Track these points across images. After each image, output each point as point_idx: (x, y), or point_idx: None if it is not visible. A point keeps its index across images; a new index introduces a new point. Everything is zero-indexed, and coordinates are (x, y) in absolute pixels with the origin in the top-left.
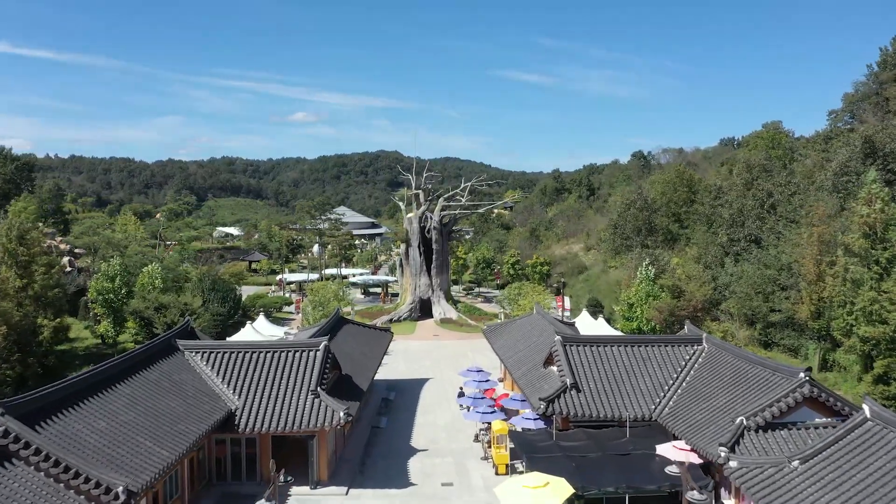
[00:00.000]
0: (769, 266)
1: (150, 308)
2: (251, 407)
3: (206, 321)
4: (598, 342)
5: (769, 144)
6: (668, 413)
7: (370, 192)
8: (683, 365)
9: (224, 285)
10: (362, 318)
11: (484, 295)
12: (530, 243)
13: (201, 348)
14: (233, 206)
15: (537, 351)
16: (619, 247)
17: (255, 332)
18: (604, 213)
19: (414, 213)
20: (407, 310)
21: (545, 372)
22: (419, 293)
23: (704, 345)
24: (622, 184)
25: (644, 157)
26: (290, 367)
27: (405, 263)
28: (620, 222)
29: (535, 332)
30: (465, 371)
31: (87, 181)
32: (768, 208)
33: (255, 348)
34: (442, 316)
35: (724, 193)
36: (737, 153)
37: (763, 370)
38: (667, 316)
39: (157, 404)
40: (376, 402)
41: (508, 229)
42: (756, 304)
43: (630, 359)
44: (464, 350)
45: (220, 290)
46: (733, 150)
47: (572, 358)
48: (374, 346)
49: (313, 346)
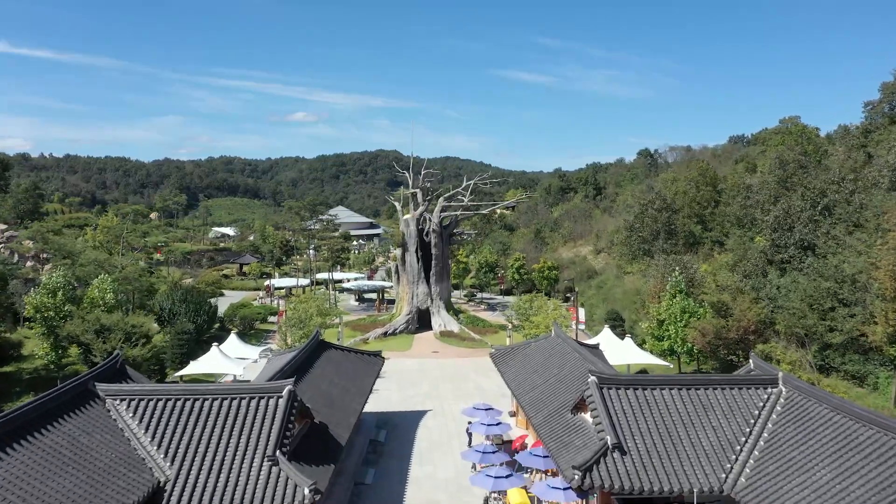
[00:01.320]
0: (827, 277)
1: (88, 331)
2: (187, 479)
3: (169, 341)
4: (643, 384)
5: (797, 140)
6: (747, 488)
7: (369, 192)
8: (756, 415)
9: (197, 296)
10: (353, 330)
11: (487, 302)
12: (535, 245)
13: (129, 395)
14: (230, 205)
15: (561, 388)
16: (636, 251)
17: (222, 355)
18: (612, 213)
19: (411, 215)
20: (403, 321)
21: (575, 421)
22: (417, 303)
23: (781, 387)
24: (629, 183)
25: (651, 155)
26: (242, 421)
27: (401, 270)
28: (637, 224)
29: (555, 360)
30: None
31: (81, 181)
32: (822, 210)
33: (198, 394)
34: (442, 328)
35: (755, 192)
36: (748, 150)
37: (879, 433)
38: (711, 339)
39: (47, 486)
40: (362, 446)
41: (512, 230)
42: (811, 323)
43: (686, 406)
44: (466, 371)
45: (192, 302)
46: (744, 147)
47: (612, 405)
48: (360, 378)
49: (273, 392)
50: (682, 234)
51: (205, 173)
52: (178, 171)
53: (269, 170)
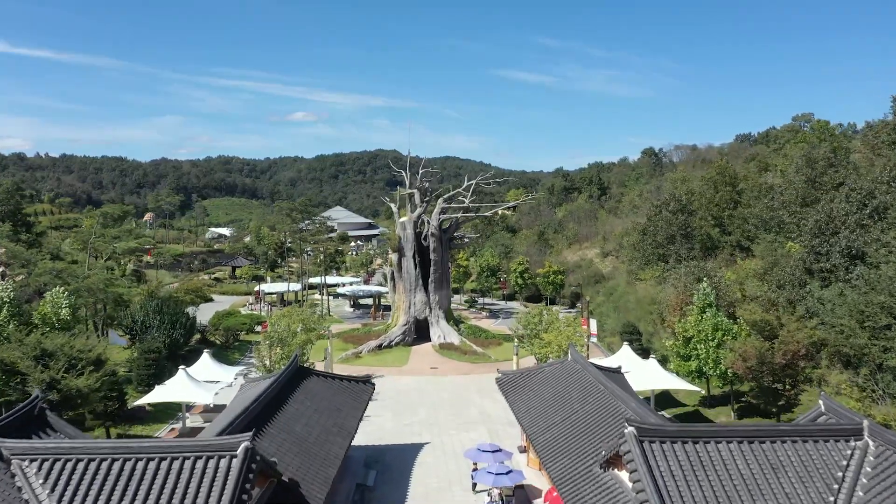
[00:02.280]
0: (880, 290)
1: (26, 357)
2: None
3: (135, 360)
4: (694, 436)
5: (819, 137)
6: None
7: (368, 192)
8: (840, 478)
9: (174, 307)
10: (345, 343)
11: (489, 308)
12: (538, 248)
13: (43, 454)
14: (227, 205)
15: (585, 431)
16: (650, 255)
17: (190, 380)
18: (618, 214)
19: (408, 217)
20: (400, 333)
21: (607, 481)
22: (414, 312)
23: (867, 440)
24: (634, 182)
25: (655, 154)
26: (185, 488)
27: (397, 276)
28: (650, 227)
29: (574, 392)
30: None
31: (77, 181)
32: (871, 213)
33: (131, 453)
34: (441, 340)
35: (780, 193)
36: (756, 148)
37: None
38: (754, 364)
39: None
40: (347, 492)
41: (514, 232)
42: (861, 342)
43: (750, 466)
44: (469, 392)
45: (167, 314)
46: (751, 145)
47: (656, 464)
48: (344, 414)
49: (226, 451)
50: (699, 238)
51: (202, 173)
52: (176, 170)
53: (268, 169)
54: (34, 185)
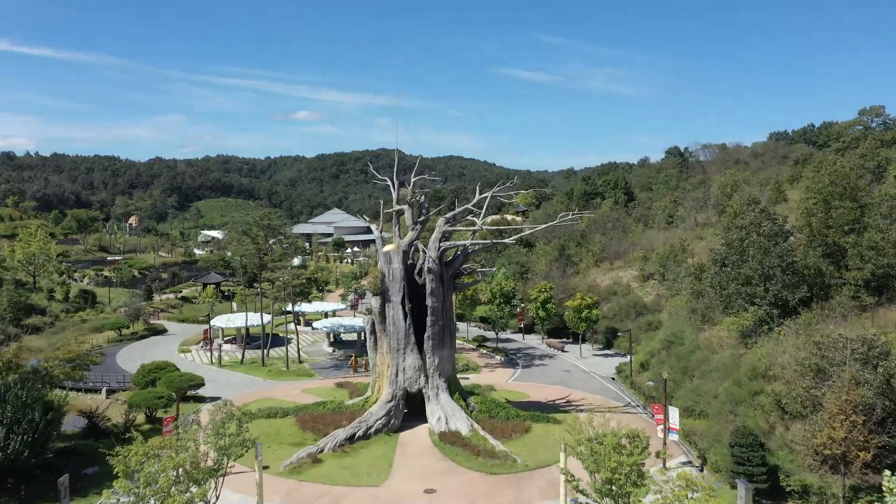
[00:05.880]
0: None
1: None
2: None
3: None
4: None
5: None
6: None
7: (370, 192)
8: None
9: (27, 394)
10: (300, 427)
11: (503, 349)
12: (560, 266)
13: None
14: (223, 206)
15: None
16: (732, 295)
17: None
18: (648, 223)
19: (395, 246)
20: (382, 415)
21: None
22: (403, 382)
23: None
24: (662, 186)
25: (681, 154)
26: None
27: (379, 330)
28: (732, 255)
29: None
30: None
31: (67, 181)
32: None
33: None
34: (443, 426)
35: None
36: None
37: None
38: None
39: None
40: None
41: (531, 247)
42: None
43: None
44: None
45: (11, 405)
46: (788, 146)
47: None
48: None
49: None
50: (804, 274)
51: (197, 173)
52: (170, 170)
53: (268, 169)
54: (20, 185)
